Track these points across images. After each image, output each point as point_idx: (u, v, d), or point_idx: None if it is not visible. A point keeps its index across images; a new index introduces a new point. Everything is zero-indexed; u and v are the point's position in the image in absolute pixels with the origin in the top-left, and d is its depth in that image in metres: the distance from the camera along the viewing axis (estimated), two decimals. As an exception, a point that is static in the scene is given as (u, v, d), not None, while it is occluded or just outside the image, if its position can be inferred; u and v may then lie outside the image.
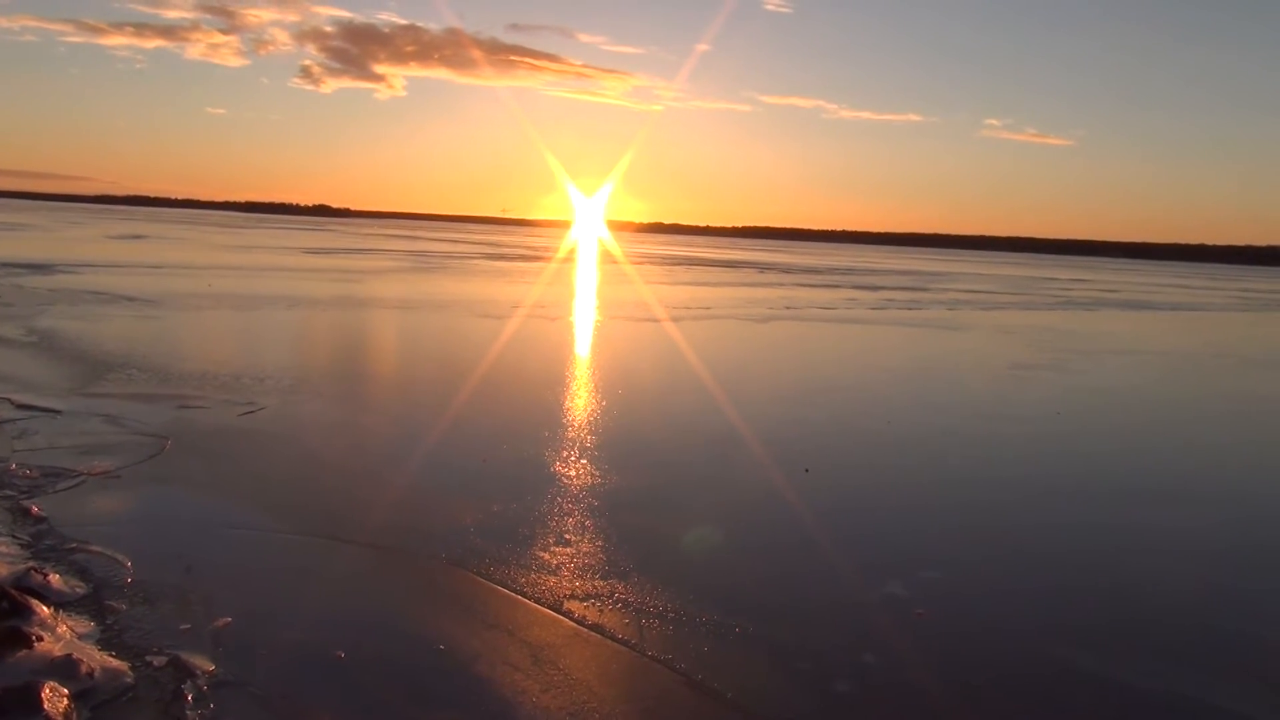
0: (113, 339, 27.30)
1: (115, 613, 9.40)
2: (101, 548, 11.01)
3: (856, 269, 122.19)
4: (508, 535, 12.29)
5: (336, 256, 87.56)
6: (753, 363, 31.83)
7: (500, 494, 14.10)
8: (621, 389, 24.22)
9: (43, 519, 11.88)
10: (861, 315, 50.65)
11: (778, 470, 16.38)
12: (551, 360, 29.18)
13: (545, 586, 10.72)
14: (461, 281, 63.00)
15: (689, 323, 41.19)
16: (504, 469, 15.73)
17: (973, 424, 22.22)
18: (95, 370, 22.05)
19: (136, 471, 14.29)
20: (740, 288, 70.91)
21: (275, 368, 24.25)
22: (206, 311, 36.56)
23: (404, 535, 12.22)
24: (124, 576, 10.28)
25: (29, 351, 24.47)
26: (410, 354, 30.05)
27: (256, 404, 19.43)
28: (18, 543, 11.04)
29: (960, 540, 13.43)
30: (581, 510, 13.56)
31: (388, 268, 74.07)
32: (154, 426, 16.98)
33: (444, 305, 44.49)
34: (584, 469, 15.73)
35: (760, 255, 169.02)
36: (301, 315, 37.75)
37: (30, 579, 9.69)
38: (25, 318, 30.55)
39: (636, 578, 11.08)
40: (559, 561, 11.51)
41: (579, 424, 19.43)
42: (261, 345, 29.37)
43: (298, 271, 64.62)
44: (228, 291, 45.06)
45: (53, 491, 13.02)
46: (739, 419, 20.50)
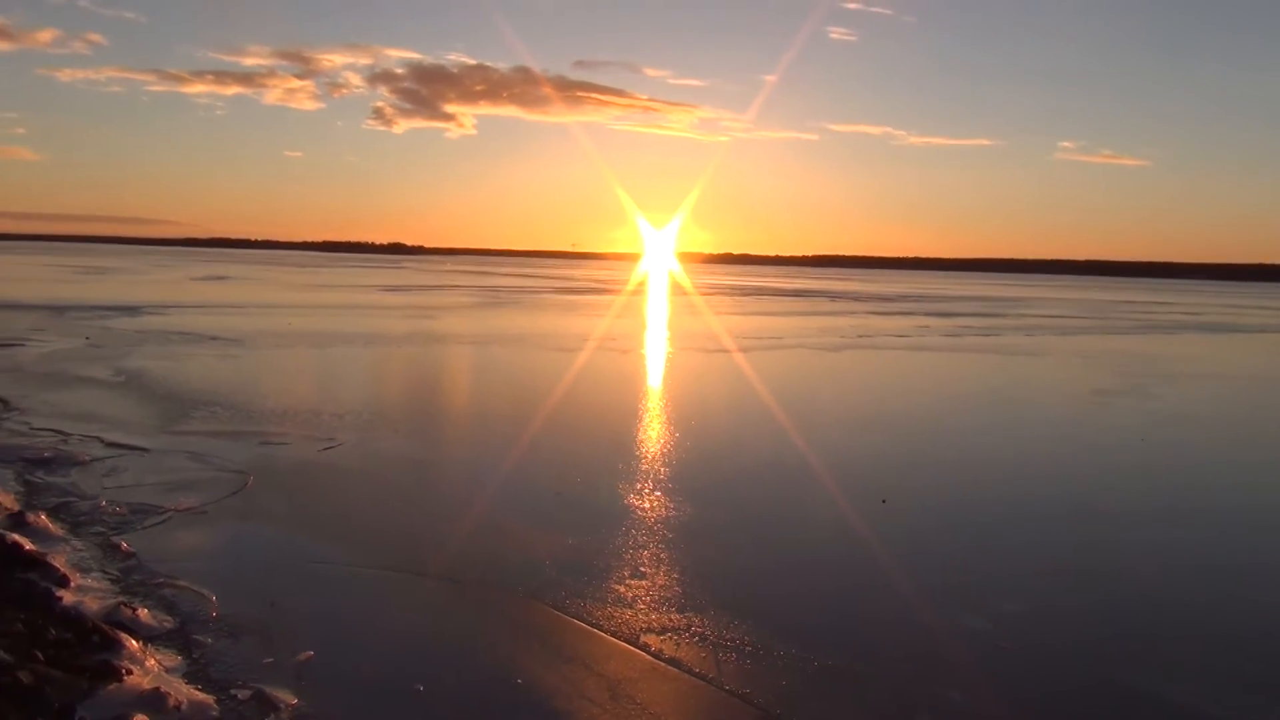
0: (197, 378, 28.01)
1: (201, 646, 9.58)
2: (188, 583, 11.25)
3: (929, 296, 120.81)
4: (583, 568, 12.30)
5: (411, 293, 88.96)
6: (826, 392, 31.58)
7: (575, 527, 14.13)
8: (693, 420, 24.18)
9: (131, 555, 12.18)
10: (936, 343, 50.01)
11: (854, 501, 16.18)
12: (623, 392, 29.26)
13: (621, 620, 10.69)
14: (533, 316, 63.57)
15: (760, 353, 41.03)
16: (578, 502, 15.76)
17: (1054, 452, 21.75)
18: (181, 408, 22.62)
19: (220, 507, 14.60)
20: (811, 317, 70.52)
21: (353, 404, 24.65)
22: (286, 350, 37.35)
23: (481, 569, 12.30)
24: (209, 611, 10.49)
25: (118, 391, 25.21)
26: (484, 388, 30.35)
27: (335, 440, 19.76)
28: (108, 578, 11.33)
29: (1043, 572, 13.12)
30: (656, 543, 13.53)
31: (461, 303, 75.05)
32: (237, 463, 17.34)
33: (516, 340, 44.91)
34: (658, 501, 15.70)
35: (831, 284, 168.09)
36: (378, 352, 38.37)
37: (120, 613, 9.93)
38: (114, 358, 31.50)
39: (713, 611, 11.00)
40: (635, 594, 11.48)
41: (652, 456, 19.42)
42: (339, 382, 29.90)
43: (373, 309, 65.77)
44: (307, 330, 46.00)
45: (141, 527, 13.35)
46: (813, 450, 20.32)
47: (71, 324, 43.72)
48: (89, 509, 14.04)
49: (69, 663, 8.47)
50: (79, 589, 10.67)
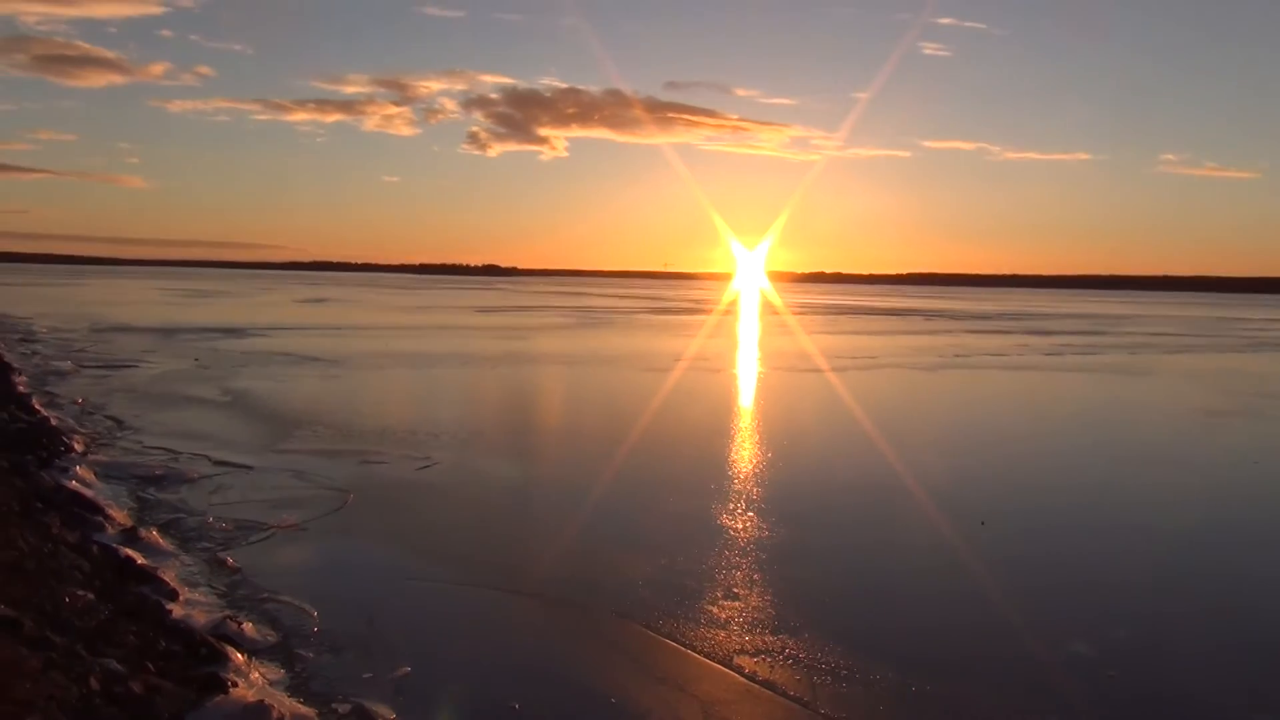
0: (299, 398, 28.76)
1: (303, 660, 9.80)
2: (290, 598, 11.52)
3: (1027, 314, 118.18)
4: (676, 588, 12.27)
5: (505, 314, 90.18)
6: (922, 412, 31.08)
7: (668, 547, 14.11)
8: (786, 440, 24.00)
9: (237, 570, 12.53)
10: (1036, 362, 48.87)
11: (952, 524, 15.86)
12: (715, 412, 29.19)
13: (715, 641, 10.64)
14: (625, 336, 63.88)
15: (854, 373, 40.58)
16: (670, 522, 15.75)
17: (1160, 476, 21.07)
18: (283, 428, 23.24)
19: (322, 524, 14.95)
20: (906, 336, 69.53)
21: (449, 424, 25.04)
22: (384, 370, 38.14)
23: (574, 588, 12.36)
24: (311, 626, 10.72)
25: (224, 411, 26.02)
26: (577, 408, 30.58)
27: (432, 459, 20.08)
28: (215, 592, 11.68)
29: (1151, 600, 12.70)
30: (749, 563, 13.44)
31: (554, 324, 75.80)
32: (337, 481, 17.74)
33: (609, 360, 45.16)
34: (751, 521, 15.61)
35: (926, 302, 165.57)
36: (473, 372, 38.95)
37: (226, 627, 10.22)
38: (221, 379, 32.52)
39: (807, 633, 10.87)
40: (728, 615, 11.42)
41: (744, 476, 19.33)
42: (436, 402, 30.42)
43: (469, 330, 66.81)
44: (404, 351, 46.91)
45: (246, 543, 13.73)
46: (909, 471, 19.99)
47: (181, 346, 45.29)
48: (197, 525, 14.49)
49: (178, 674, 8.73)
50: (187, 603, 11.01)
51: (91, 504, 14.59)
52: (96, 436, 21.22)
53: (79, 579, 10.54)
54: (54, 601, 9.27)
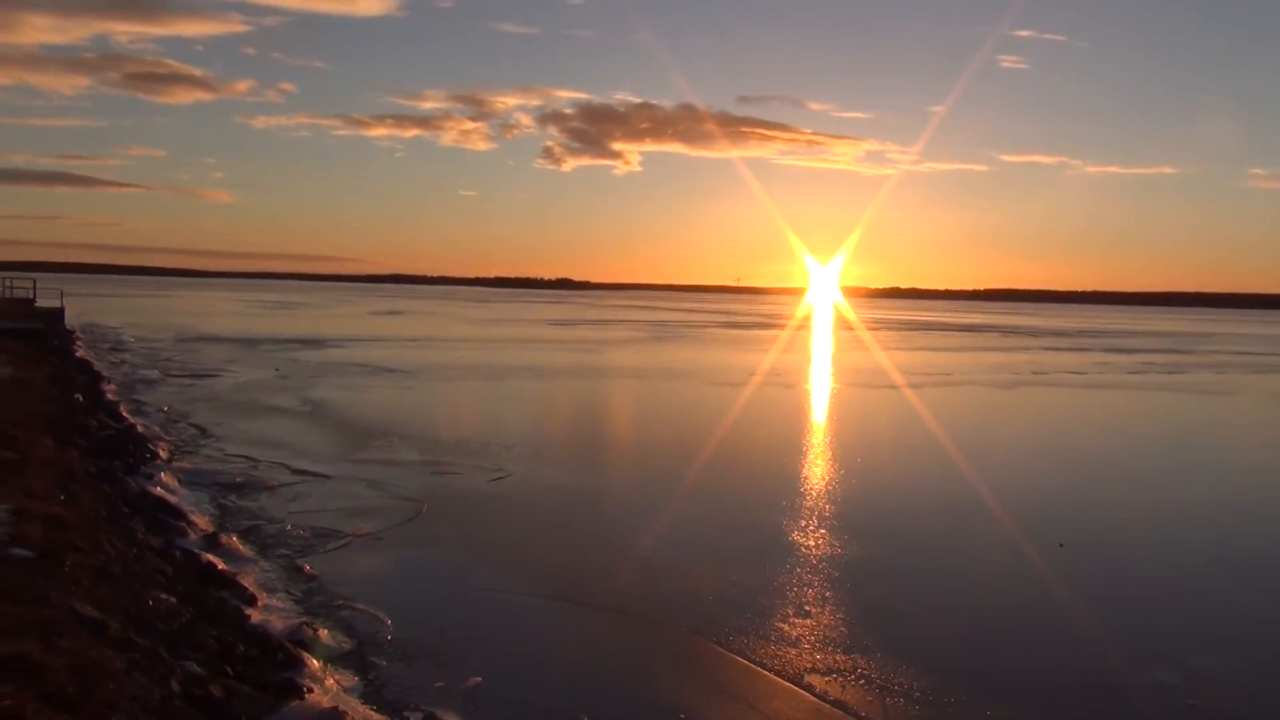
0: (375, 408, 29.21)
1: (377, 668, 9.93)
2: (365, 605, 11.69)
3: (1108, 331, 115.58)
4: (747, 604, 12.20)
5: (578, 328, 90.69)
6: (998, 430, 30.54)
7: (738, 562, 14.04)
8: (860, 457, 23.76)
9: (314, 577, 12.75)
10: (1116, 380, 47.76)
11: (1029, 544, 15.54)
12: (788, 427, 29.01)
13: (786, 658, 10.55)
14: (698, 350, 63.82)
15: (929, 389, 40.04)
16: (742, 537, 15.66)
17: (1246, 498, 20.43)
18: (359, 438, 23.62)
19: (396, 534, 15.15)
20: (982, 352, 68.44)
21: (521, 435, 25.23)
22: (458, 382, 38.58)
23: (645, 601, 12.35)
24: (385, 634, 10.86)
25: (303, 420, 26.53)
26: (649, 421, 30.60)
27: (505, 470, 20.24)
28: (292, 598, 11.89)
29: (1235, 626, 12.30)
30: (821, 581, 13.31)
31: (627, 337, 76.03)
32: (411, 491, 17.96)
33: (681, 373, 45.15)
34: (823, 539, 15.46)
35: (1003, 318, 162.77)
36: (545, 384, 39.21)
37: (302, 633, 10.40)
38: (300, 389, 33.18)
39: (879, 653, 10.72)
40: (799, 633, 11.32)
41: (817, 493, 19.16)
42: (508, 413, 30.68)
43: (542, 342, 67.30)
44: (478, 362, 47.40)
45: (322, 551, 13.97)
46: (985, 489, 19.63)
47: (262, 356, 46.31)
48: (276, 532, 14.78)
49: (256, 678, 8.90)
50: (266, 608, 11.22)
51: (175, 510, 14.97)
52: (180, 444, 21.77)
53: (162, 583, 10.80)
54: (138, 604, 9.51)
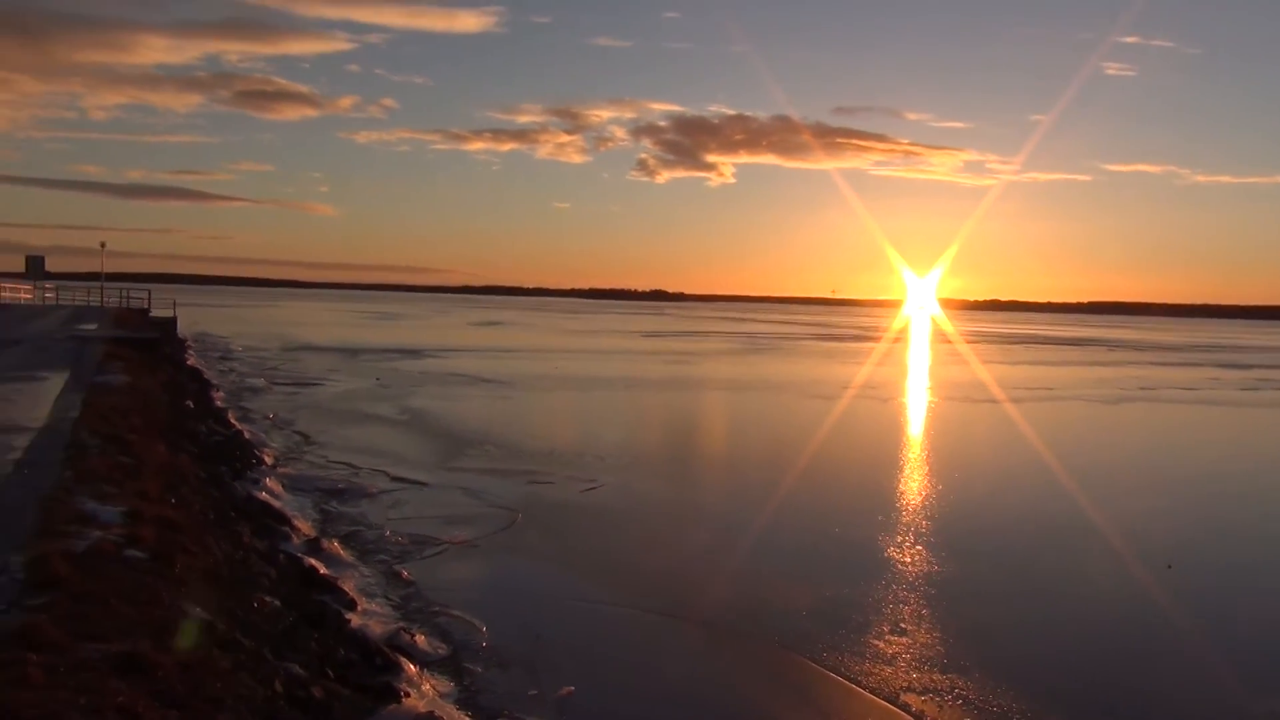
0: (471, 417, 29.62)
1: (471, 675, 10.05)
2: (460, 612, 11.85)
3: (1220, 345, 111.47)
4: (841, 620, 12.04)
5: (671, 339, 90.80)
6: (1103, 447, 29.66)
7: (833, 577, 13.87)
8: (958, 472, 23.30)
9: (411, 583, 12.97)
10: (1229, 397, 46.02)
11: (1135, 565, 15.05)
12: (884, 441, 28.60)
13: (881, 676, 10.38)
14: (792, 362, 63.37)
15: (1030, 404, 39.09)
16: (836, 552, 15.48)
17: (1374, 520, 19.47)
18: (456, 446, 23.98)
19: (491, 542, 15.33)
20: (1087, 367, 66.59)
21: (614, 446, 25.34)
22: (552, 392, 38.93)
23: (737, 615, 12.28)
24: (480, 641, 10.99)
25: (402, 429, 27.05)
26: (742, 434, 30.46)
27: (598, 481, 20.34)
28: (390, 604, 12.11)
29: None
30: (918, 598, 13.07)
31: (720, 349, 75.86)
32: (507, 500, 18.17)
33: (774, 386, 44.87)
34: (920, 556, 15.19)
35: (1108, 332, 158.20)
36: (638, 395, 39.33)
37: (400, 638, 10.58)
38: (399, 398, 33.83)
39: (978, 674, 10.48)
40: (895, 651, 11.13)
41: (913, 508, 18.85)
42: (602, 424, 30.84)
43: (635, 354, 67.53)
44: (572, 373, 47.76)
45: (420, 558, 14.21)
46: (1089, 508, 19.07)
47: (363, 365, 47.35)
48: (375, 538, 15.08)
49: (355, 682, 9.08)
50: (365, 613, 11.44)
51: (279, 514, 15.37)
52: (285, 450, 22.37)
53: (266, 585, 11.09)
54: (244, 606, 9.79)
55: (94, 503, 10.49)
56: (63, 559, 8.32)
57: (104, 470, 12.27)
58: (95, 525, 9.65)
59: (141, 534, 9.65)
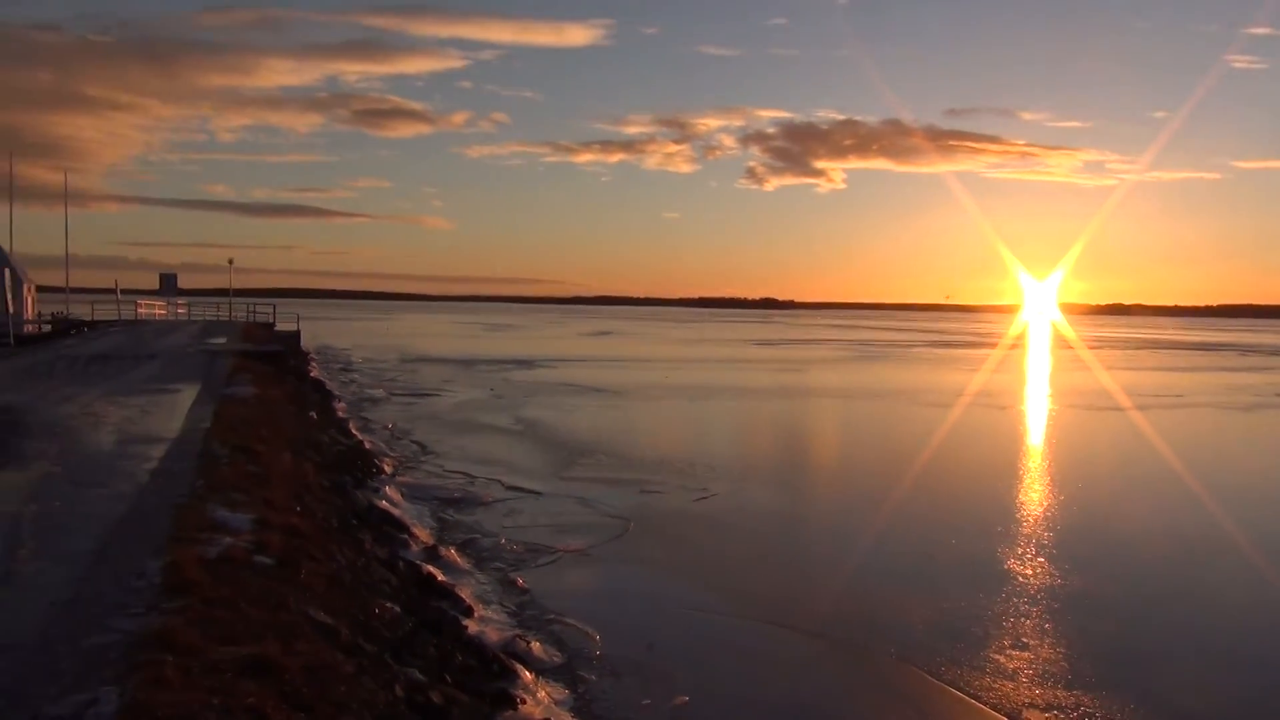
0: (584, 427, 29.91)
1: (585, 683, 10.13)
2: (575, 620, 11.95)
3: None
4: (959, 633, 11.79)
5: (782, 347, 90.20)
6: (1236, 455, 28.42)
7: (950, 589, 13.59)
8: (1081, 482, 22.59)
9: (526, 590, 13.15)
10: (1376, 402, 43.61)
11: (1272, 581, 14.38)
12: (1001, 450, 27.90)
13: (1001, 692, 10.12)
14: (905, 369, 62.33)
15: (1157, 411, 37.68)
16: (953, 563, 15.16)
17: None
18: (569, 456, 24.23)
19: (604, 550, 15.44)
20: (1218, 373, 63.89)
21: (725, 455, 25.28)
22: (663, 401, 39.04)
23: (852, 627, 12.12)
24: (593, 649, 11.08)
25: (516, 438, 27.45)
26: (854, 443, 30.09)
27: (710, 490, 20.31)
28: (506, 611, 12.30)
29: None
30: (1040, 612, 12.71)
31: (831, 357, 75.06)
32: (619, 509, 18.28)
33: (887, 394, 44.19)
34: (1041, 568, 14.76)
35: (1239, 335, 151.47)
36: (749, 404, 39.16)
37: (516, 645, 10.73)
38: (513, 408, 34.36)
39: (1104, 691, 10.14)
40: (1016, 666, 10.84)
41: (1034, 519, 18.34)
42: (713, 433, 30.80)
43: (745, 362, 67.27)
44: (682, 382, 47.83)
45: (534, 565, 14.39)
46: (1225, 520, 18.28)
47: (478, 376, 48.22)
48: (490, 546, 15.33)
49: (473, 688, 9.24)
50: (482, 619, 11.64)
51: (399, 522, 15.74)
52: (403, 459, 22.91)
53: (387, 592, 11.37)
54: (366, 612, 10.05)
55: (224, 510, 10.90)
56: (196, 564, 8.66)
57: (233, 479, 12.74)
58: (226, 532, 10.02)
59: (269, 541, 9.99)
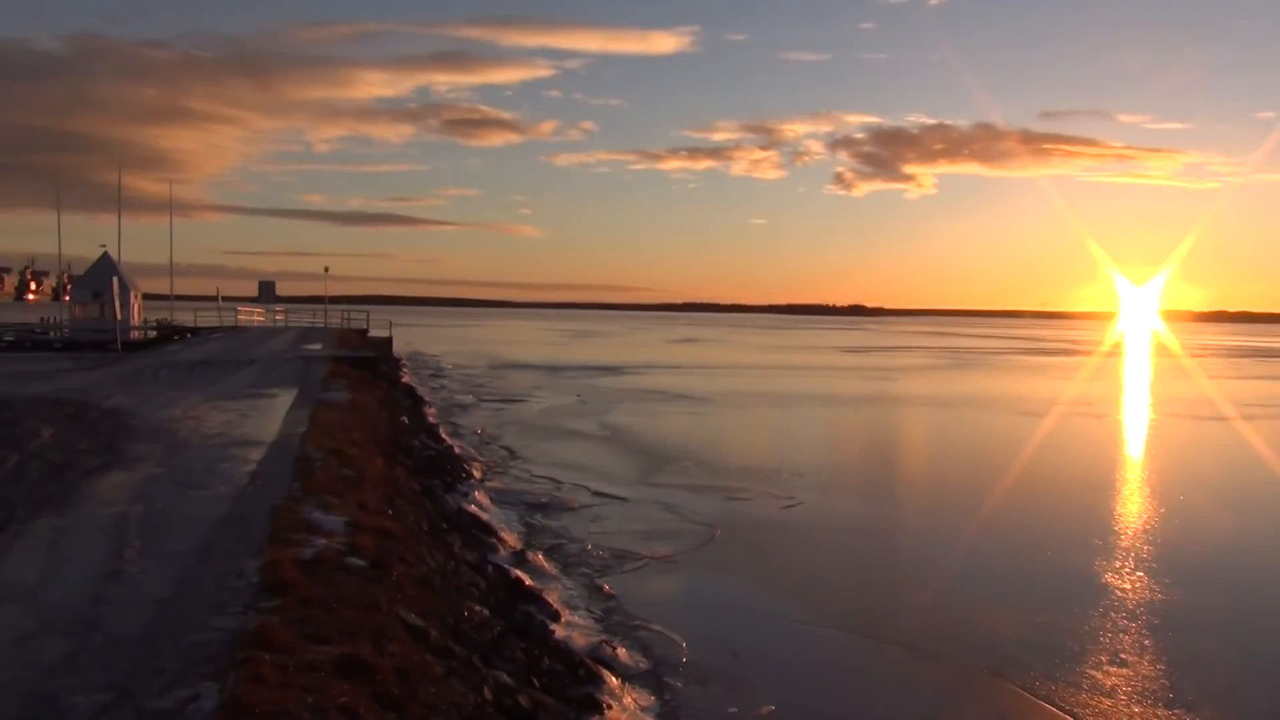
0: (670, 434, 29.90)
1: (671, 690, 10.11)
2: (661, 627, 11.95)
3: None
4: (1055, 648, 11.48)
5: (871, 355, 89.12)
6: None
7: (1045, 603, 13.26)
8: (1181, 494, 21.88)
9: (612, 596, 13.19)
10: None
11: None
12: (1098, 460, 27.16)
13: (1099, 709, 9.83)
14: (997, 377, 61.07)
15: (1264, 422, 36.29)
16: (1048, 576, 14.78)
17: None
18: (655, 462, 24.26)
19: (690, 557, 15.42)
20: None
21: (813, 463, 25.05)
22: (750, 409, 38.86)
23: (941, 639, 11.90)
24: (679, 656, 11.06)
25: (602, 445, 27.59)
26: (945, 452, 29.57)
27: (797, 498, 20.15)
28: (592, 616, 12.35)
29: None
30: (1139, 628, 12.33)
31: (921, 365, 73.90)
32: (705, 516, 18.23)
33: (979, 402, 43.35)
34: (1140, 582, 14.32)
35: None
36: (837, 412, 38.76)
37: (602, 651, 10.77)
38: (599, 414, 34.52)
39: (1208, 709, 9.80)
40: (1115, 683, 10.53)
41: (1132, 531, 17.81)
42: (800, 441, 30.55)
43: (833, 370, 66.60)
44: (769, 390, 47.54)
45: (620, 571, 14.43)
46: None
47: (565, 382, 48.57)
48: (577, 551, 15.42)
49: (560, 692, 9.29)
50: (568, 624, 11.71)
51: (487, 527, 15.93)
52: (492, 464, 23.19)
53: (476, 595, 11.51)
54: (455, 614, 10.18)
55: (319, 512, 11.15)
56: (292, 565, 8.88)
57: (328, 482, 13.03)
58: (320, 534, 10.26)
59: (362, 543, 10.19)
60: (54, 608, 7.65)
